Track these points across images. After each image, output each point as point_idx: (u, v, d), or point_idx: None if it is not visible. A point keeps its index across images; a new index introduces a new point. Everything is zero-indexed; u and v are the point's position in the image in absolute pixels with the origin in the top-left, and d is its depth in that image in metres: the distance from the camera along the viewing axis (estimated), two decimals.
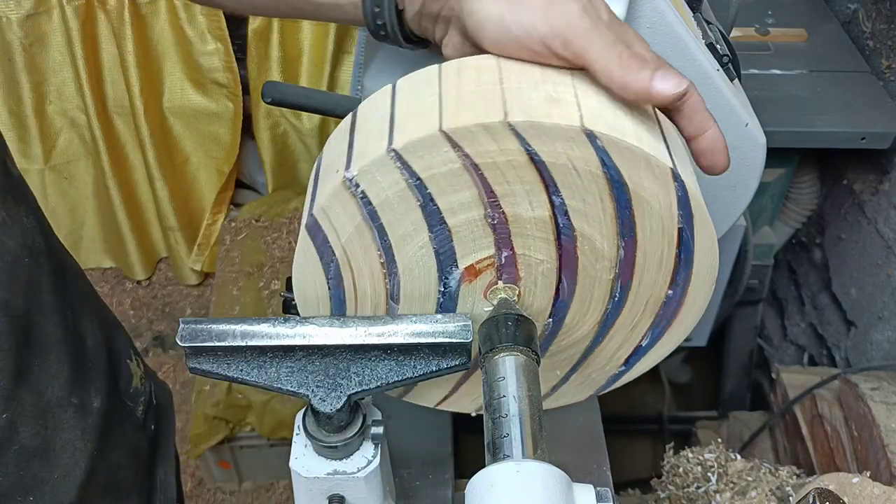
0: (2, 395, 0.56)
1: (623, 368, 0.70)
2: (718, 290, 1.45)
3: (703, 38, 0.79)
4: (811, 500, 0.80)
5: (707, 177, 0.60)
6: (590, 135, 0.51)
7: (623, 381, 0.72)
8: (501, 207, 0.55)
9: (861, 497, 0.86)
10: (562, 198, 0.54)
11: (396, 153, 0.51)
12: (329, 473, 0.63)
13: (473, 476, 0.50)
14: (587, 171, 0.53)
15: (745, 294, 1.55)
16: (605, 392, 0.75)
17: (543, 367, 0.68)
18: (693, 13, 0.84)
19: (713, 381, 1.85)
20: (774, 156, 1.00)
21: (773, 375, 1.47)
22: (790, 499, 1.00)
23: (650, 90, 0.51)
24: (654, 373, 1.36)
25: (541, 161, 0.52)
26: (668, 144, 0.56)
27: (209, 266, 2.07)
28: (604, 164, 0.53)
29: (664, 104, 0.53)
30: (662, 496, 1.08)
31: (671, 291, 0.62)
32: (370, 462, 0.63)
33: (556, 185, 0.54)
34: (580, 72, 0.55)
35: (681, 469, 1.08)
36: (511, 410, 0.52)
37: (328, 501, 0.65)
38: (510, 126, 0.50)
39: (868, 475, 0.90)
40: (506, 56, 0.55)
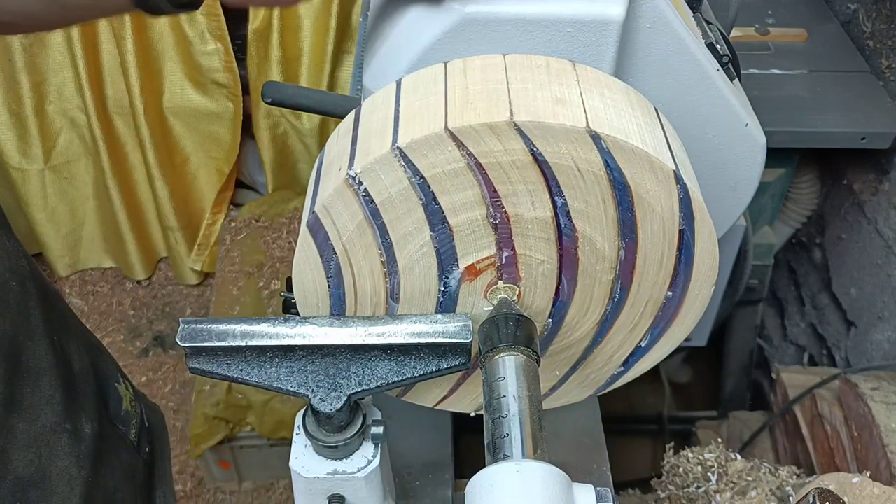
0: None
1: (622, 369, 0.70)
2: (718, 290, 1.45)
3: (703, 38, 0.79)
4: (811, 500, 0.80)
5: (707, 178, 0.60)
6: (595, 136, 0.51)
7: (622, 382, 0.72)
8: (504, 207, 0.55)
9: (861, 497, 0.86)
10: (564, 198, 0.54)
11: (401, 151, 0.51)
12: (329, 473, 0.63)
13: (473, 476, 0.50)
14: (590, 173, 0.53)
15: (745, 294, 1.55)
16: (605, 392, 0.75)
17: (542, 368, 0.68)
18: (693, 13, 0.84)
19: (713, 381, 1.85)
20: (774, 156, 1.00)
21: (773, 375, 1.47)
22: (790, 499, 1.00)
23: None
24: (654, 373, 1.36)
25: (544, 161, 0.52)
26: (671, 147, 0.56)
27: (209, 266, 2.07)
28: (607, 166, 0.53)
29: None
30: (662, 496, 1.08)
31: (671, 292, 0.62)
32: (370, 462, 0.63)
33: (559, 186, 0.54)
34: (584, 73, 0.56)
35: (681, 469, 1.08)
36: (511, 410, 0.52)
37: (328, 501, 0.65)
38: (516, 126, 0.50)
39: (868, 475, 0.90)
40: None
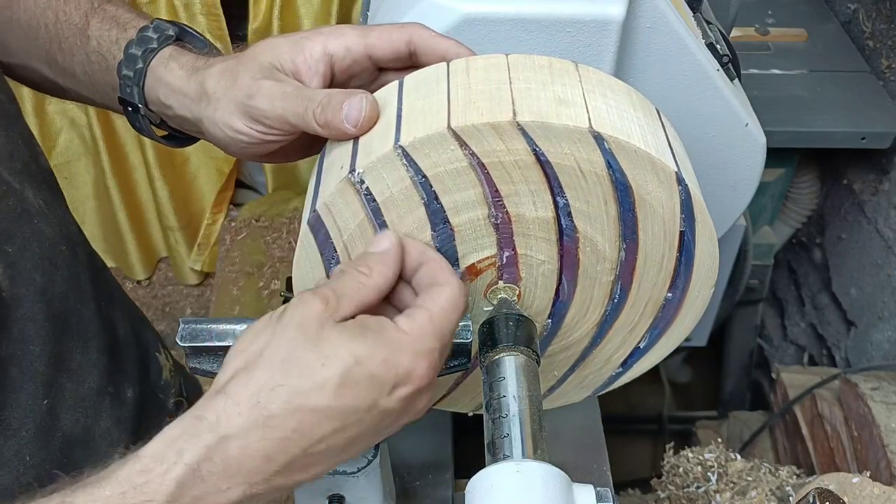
0: (41, 381, 0.56)
1: (620, 370, 0.70)
2: (718, 291, 1.45)
3: (703, 38, 0.80)
4: (811, 500, 0.80)
5: (707, 178, 0.60)
6: (597, 137, 0.51)
7: (620, 383, 0.72)
8: (505, 207, 0.55)
9: (861, 497, 0.86)
10: (566, 199, 0.55)
11: (403, 150, 0.51)
12: (329, 473, 0.63)
13: (473, 476, 0.50)
14: (592, 173, 0.53)
15: (745, 294, 1.55)
16: (604, 393, 0.75)
17: (541, 368, 0.68)
18: (693, 13, 0.84)
19: (713, 381, 1.85)
20: (774, 156, 1.00)
21: (773, 375, 1.47)
22: (790, 499, 1.00)
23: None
24: (654, 373, 1.36)
25: (547, 161, 0.52)
26: (673, 148, 0.56)
27: (209, 266, 2.07)
28: (609, 167, 0.53)
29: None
30: (662, 496, 1.08)
31: (670, 294, 0.62)
32: (370, 462, 0.63)
33: (561, 186, 0.54)
34: (587, 73, 0.56)
35: (681, 469, 1.08)
36: (511, 410, 0.52)
37: (328, 501, 0.65)
38: (519, 126, 0.50)
39: (868, 475, 0.90)
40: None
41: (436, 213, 0.55)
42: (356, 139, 0.55)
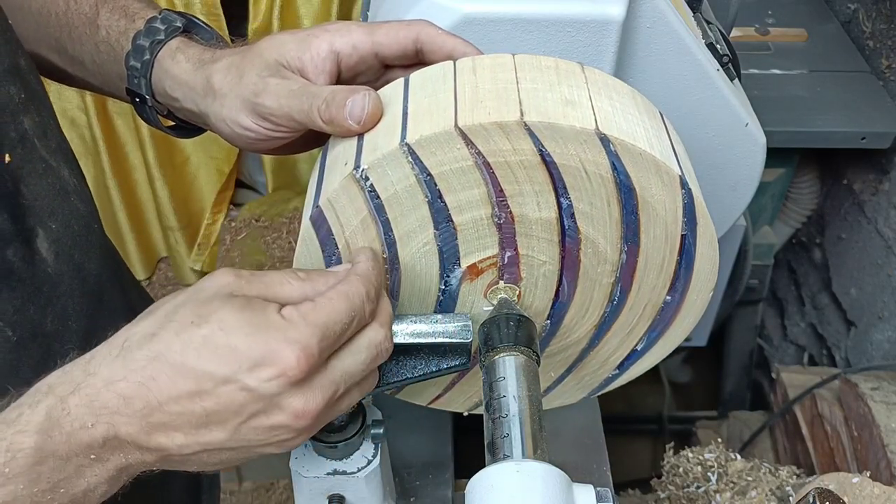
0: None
1: (617, 371, 0.70)
2: (718, 291, 1.45)
3: (703, 38, 0.80)
4: (811, 500, 0.80)
5: (707, 178, 0.60)
6: (603, 139, 0.51)
7: (616, 385, 0.72)
8: (509, 207, 0.55)
9: (861, 497, 0.86)
10: (570, 200, 0.54)
11: (409, 148, 0.51)
12: (329, 473, 0.63)
13: (473, 476, 0.50)
14: (597, 175, 0.53)
15: (745, 294, 1.55)
16: (603, 392, 0.75)
17: (539, 369, 0.68)
18: (693, 13, 0.84)
19: (713, 381, 1.85)
20: (774, 156, 1.00)
21: (773, 375, 1.47)
22: (790, 499, 1.00)
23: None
24: (654, 373, 1.36)
25: (552, 162, 0.52)
26: (676, 151, 0.56)
27: (209, 266, 2.07)
28: (614, 169, 0.53)
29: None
30: (662, 496, 1.08)
31: (669, 297, 0.62)
32: (370, 462, 0.63)
33: (566, 187, 0.54)
34: (592, 75, 0.56)
35: (681, 469, 1.08)
36: (511, 410, 0.52)
37: (328, 501, 0.65)
38: (526, 126, 0.50)
39: (868, 475, 0.90)
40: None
41: (439, 212, 0.55)
42: (361, 136, 0.55)
